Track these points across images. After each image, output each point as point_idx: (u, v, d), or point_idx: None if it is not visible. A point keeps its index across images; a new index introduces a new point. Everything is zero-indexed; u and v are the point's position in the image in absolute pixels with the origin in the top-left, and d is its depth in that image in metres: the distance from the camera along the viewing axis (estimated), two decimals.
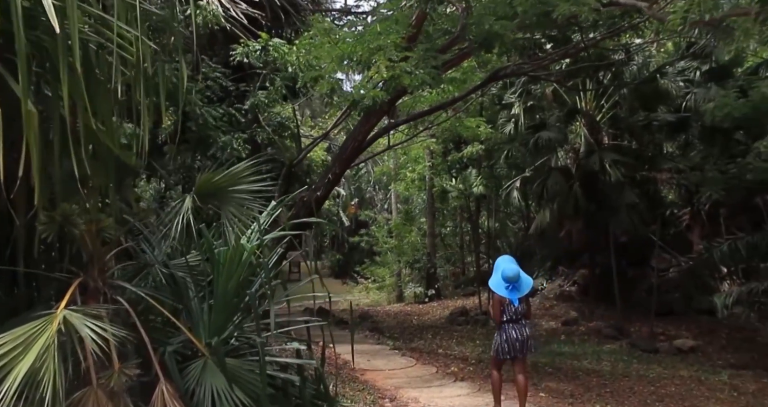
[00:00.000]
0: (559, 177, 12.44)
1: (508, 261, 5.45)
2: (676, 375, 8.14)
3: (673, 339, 10.47)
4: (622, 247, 12.87)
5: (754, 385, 7.64)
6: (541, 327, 12.04)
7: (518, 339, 5.35)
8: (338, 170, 8.57)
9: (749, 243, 9.03)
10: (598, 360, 9.00)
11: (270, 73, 8.94)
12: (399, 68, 6.04)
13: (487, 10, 6.19)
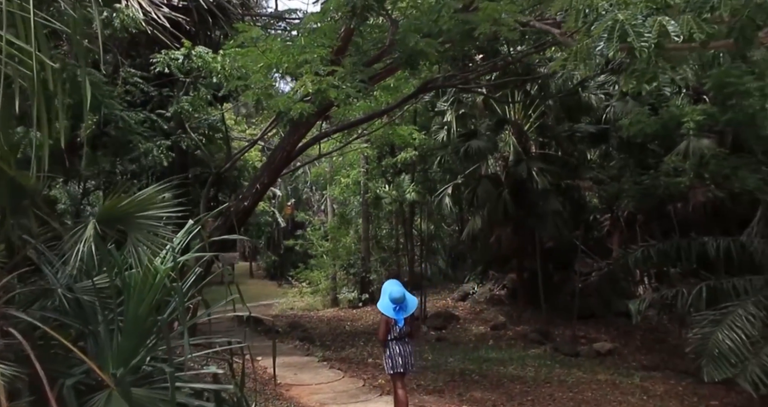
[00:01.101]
0: (488, 184, 12.75)
1: (395, 284, 5.90)
2: (594, 379, 8.50)
3: (593, 342, 10.97)
4: (549, 252, 13.36)
5: (662, 387, 8.10)
6: (471, 331, 12.30)
7: (401, 355, 5.75)
8: (266, 180, 8.42)
9: (660, 250, 9.53)
10: (523, 366, 9.28)
11: (194, 80, 8.67)
12: (325, 82, 5.99)
13: (412, 27, 6.24)
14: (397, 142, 12.27)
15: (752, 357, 6.86)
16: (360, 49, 8.07)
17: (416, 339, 6.35)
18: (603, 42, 3.60)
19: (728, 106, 9.35)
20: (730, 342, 7.03)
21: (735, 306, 7.42)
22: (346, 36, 7.03)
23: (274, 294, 22.74)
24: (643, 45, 3.44)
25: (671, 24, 3.45)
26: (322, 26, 6.72)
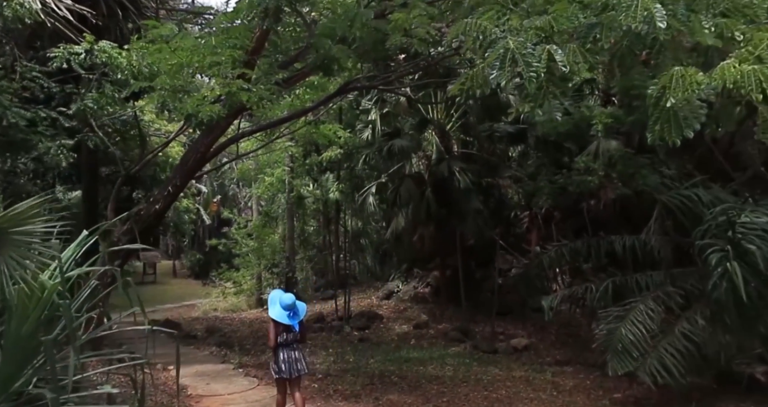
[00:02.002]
0: (411, 183, 12.84)
1: (282, 292, 6.10)
2: (509, 376, 8.74)
3: (511, 338, 11.28)
4: (470, 250, 13.63)
5: (572, 381, 8.43)
6: (394, 330, 12.37)
7: (289, 361, 5.88)
8: (179, 182, 8.06)
9: (572, 248, 9.91)
10: (443, 365, 9.41)
11: (99, 76, 8.17)
12: (235, 85, 5.78)
13: (327, 31, 6.12)
14: (321, 141, 12.12)
15: (652, 351, 7.26)
16: (278, 49, 7.87)
17: (306, 342, 6.66)
18: (495, 70, 3.64)
19: (633, 108, 9.81)
20: (632, 336, 7.38)
21: (637, 302, 7.80)
22: (261, 36, 6.81)
23: (197, 294, 22.07)
24: (531, 74, 3.51)
25: (558, 53, 3.54)
26: (236, 26, 6.48)
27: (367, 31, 5.82)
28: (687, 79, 3.34)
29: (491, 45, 3.77)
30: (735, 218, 7.20)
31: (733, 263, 6.69)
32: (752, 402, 7.21)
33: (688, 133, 3.52)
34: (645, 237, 8.72)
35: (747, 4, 3.65)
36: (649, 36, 3.45)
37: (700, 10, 3.66)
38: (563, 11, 3.72)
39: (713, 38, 3.50)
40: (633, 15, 3.35)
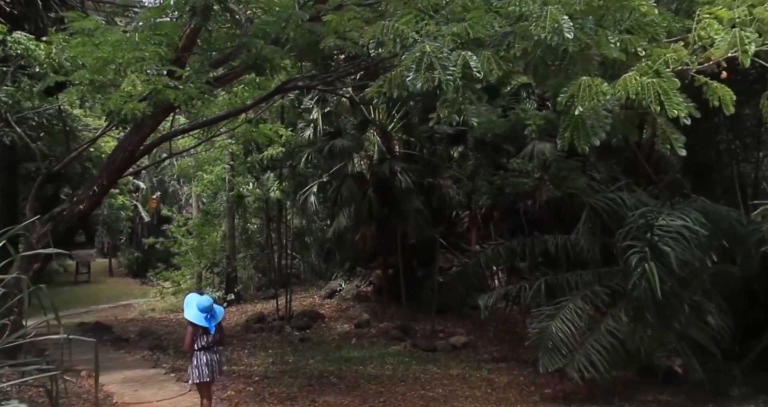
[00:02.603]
0: (353, 183, 12.85)
1: (197, 296, 6.17)
2: (446, 374, 8.91)
3: (451, 336, 11.48)
4: (412, 249, 13.78)
5: (506, 378, 8.69)
6: (336, 330, 12.38)
7: (208, 365, 5.84)
8: (106, 181, 7.75)
9: (508, 248, 10.20)
10: (382, 364, 9.50)
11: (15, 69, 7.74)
12: (160, 82, 5.61)
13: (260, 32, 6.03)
14: (261, 140, 11.94)
15: (580, 348, 7.57)
16: (212, 46, 7.68)
17: (225, 345, 6.67)
18: (412, 73, 3.69)
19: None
20: (562, 334, 7.68)
21: (567, 301, 8.12)
22: (191, 33, 6.64)
23: (134, 294, 21.38)
24: (448, 78, 3.58)
25: (473, 59, 3.62)
26: (164, 22, 6.28)
27: (301, 33, 5.77)
28: (593, 89, 3.51)
29: (408, 48, 3.83)
30: (653, 221, 7.58)
31: (650, 264, 7.06)
32: (669, 394, 7.64)
33: (594, 141, 3.69)
34: (575, 237, 9.06)
35: (649, 22, 3.85)
36: (559, 47, 3.59)
37: (608, 26, 3.84)
38: (479, 19, 3.81)
39: (618, 52, 3.69)
40: (542, 25, 3.49)
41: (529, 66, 4.08)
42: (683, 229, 7.45)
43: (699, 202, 8.35)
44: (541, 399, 7.64)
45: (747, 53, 3.19)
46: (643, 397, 7.57)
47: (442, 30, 3.90)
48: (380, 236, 13.63)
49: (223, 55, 7.12)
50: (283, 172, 14.10)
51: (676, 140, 3.69)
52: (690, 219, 7.57)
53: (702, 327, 7.52)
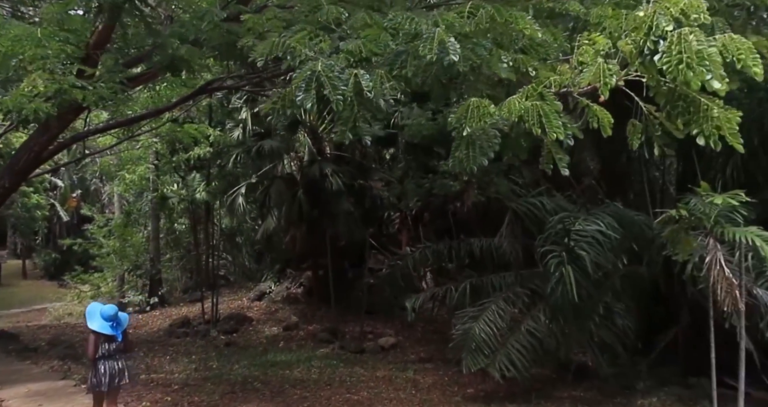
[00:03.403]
0: (282, 185, 12.71)
1: (100, 305, 6.05)
2: (373, 376, 8.96)
3: (379, 337, 11.56)
4: (343, 250, 13.77)
5: (431, 379, 8.84)
6: (263, 333, 12.20)
7: (109, 373, 5.73)
8: (8, 184, 7.26)
9: (434, 250, 10.40)
10: (309, 368, 9.43)
11: None
12: (66, 82, 5.30)
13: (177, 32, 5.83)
14: (186, 139, 11.59)
15: (501, 348, 7.82)
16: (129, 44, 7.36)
17: (132, 352, 6.56)
18: (301, 92, 3.64)
19: None
20: (485, 335, 7.89)
21: (490, 302, 8.36)
22: (104, 30, 6.32)
23: (50, 298, 20.28)
24: (338, 98, 3.58)
25: (365, 78, 3.63)
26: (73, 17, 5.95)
27: (218, 33, 5.63)
28: (481, 110, 3.61)
29: (300, 66, 3.79)
30: (570, 226, 7.94)
31: (567, 268, 7.38)
32: (582, 389, 8.05)
33: (482, 161, 3.79)
34: (498, 241, 9.33)
35: (541, 42, 4.01)
36: (452, 67, 3.66)
37: (506, 46, 3.96)
38: (374, 37, 3.82)
39: (508, 72, 3.81)
40: (429, 47, 3.55)
41: (425, 83, 4.15)
42: (597, 234, 7.84)
43: (612, 207, 8.79)
44: (463, 400, 7.82)
45: (607, 85, 3.34)
46: (558, 394, 7.91)
47: (341, 46, 3.88)
48: (310, 238, 13.53)
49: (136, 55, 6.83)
50: (211, 172, 13.74)
51: (560, 160, 3.83)
52: (604, 224, 7.96)
53: (609, 327, 7.93)
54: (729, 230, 5.86)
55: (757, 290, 6.83)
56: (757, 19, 4.97)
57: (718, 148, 3.37)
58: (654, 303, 8.94)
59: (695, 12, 3.30)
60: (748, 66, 3.18)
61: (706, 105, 3.32)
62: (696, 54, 3.08)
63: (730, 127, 3.33)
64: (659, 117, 3.63)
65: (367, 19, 4.02)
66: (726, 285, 5.58)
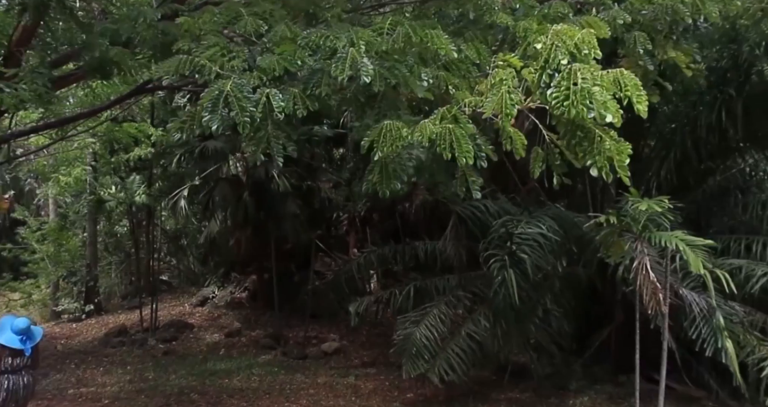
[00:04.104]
0: (227, 187, 12.38)
1: (13, 318, 5.87)
2: (314, 383, 8.81)
3: (323, 342, 11.39)
4: (289, 253, 13.54)
5: (372, 384, 8.76)
6: (204, 340, 11.84)
7: (12, 390, 5.50)
8: None
9: (379, 254, 10.34)
10: (249, 376, 9.20)
11: None
12: None
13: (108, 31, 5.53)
14: (125, 139, 11.13)
15: (441, 352, 7.79)
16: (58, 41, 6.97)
17: (37, 368, 6.19)
18: (208, 113, 3.49)
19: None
20: (426, 340, 7.84)
21: (432, 306, 8.34)
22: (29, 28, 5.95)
23: None
24: (245, 120, 3.44)
25: (277, 97, 3.50)
26: None
27: (153, 33, 5.37)
28: (394, 134, 3.52)
29: (210, 84, 3.63)
30: (513, 229, 7.99)
31: (509, 272, 7.42)
32: (519, 391, 8.16)
33: (395, 185, 3.72)
34: (442, 244, 9.32)
35: (462, 59, 3.96)
36: (369, 86, 3.56)
37: (429, 61, 3.89)
38: (290, 53, 3.68)
39: (425, 91, 3.74)
40: (342, 67, 3.44)
41: (343, 101, 4.05)
42: (539, 236, 7.91)
43: (554, 209, 8.93)
44: (402, 405, 7.77)
45: (508, 116, 3.31)
46: (496, 396, 7.97)
47: (257, 62, 3.72)
48: (256, 240, 13.23)
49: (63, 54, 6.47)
50: (154, 173, 13.25)
51: (474, 183, 3.80)
52: (545, 226, 8.05)
53: (545, 329, 8.04)
54: (656, 235, 5.99)
55: (683, 290, 7.04)
56: (677, 34, 5.07)
57: (610, 180, 3.37)
58: (591, 303, 9.12)
59: (587, 47, 3.29)
60: (634, 102, 3.22)
61: (599, 136, 3.30)
62: (581, 92, 3.06)
63: (621, 159, 3.31)
64: (560, 145, 3.60)
65: (287, 33, 3.86)
66: (651, 289, 5.70)
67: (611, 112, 3.10)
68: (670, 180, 8.79)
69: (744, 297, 7.33)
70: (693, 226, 8.51)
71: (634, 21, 4.63)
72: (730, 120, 7.92)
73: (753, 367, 6.88)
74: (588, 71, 3.13)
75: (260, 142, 3.77)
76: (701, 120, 8.20)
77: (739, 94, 7.82)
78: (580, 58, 3.27)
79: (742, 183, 9.10)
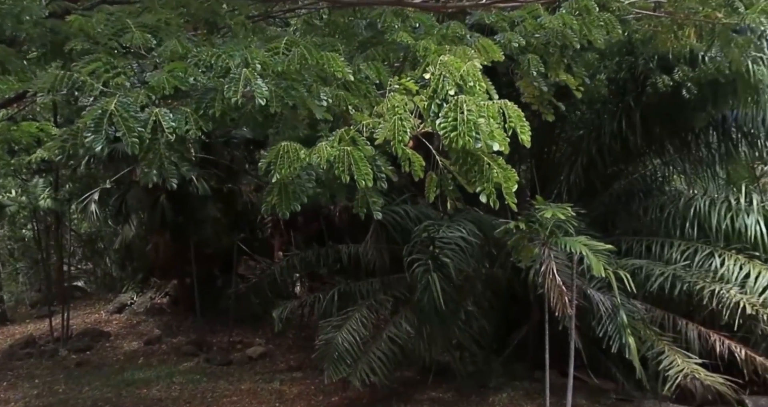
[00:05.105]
0: (140, 190, 11.91)
1: None
2: (237, 389, 8.69)
3: (248, 346, 11.23)
4: (212, 257, 13.22)
5: (297, 389, 8.75)
6: (122, 349, 11.37)
7: None
8: None
9: (302, 258, 10.31)
10: (170, 385, 8.96)
11: None
12: None
13: None
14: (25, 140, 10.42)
15: (363, 356, 7.89)
16: None
17: None
18: (90, 133, 3.30)
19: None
20: (348, 344, 7.90)
21: (354, 311, 8.41)
22: None
23: None
24: (134, 140, 3.30)
25: (167, 117, 3.37)
26: None
27: (41, 31, 5.04)
28: (291, 155, 3.50)
29: (95, 102, 3.45)
30: (434, 234, 8.18)
31: (433, 276, 7.60)
32: (442, 390, 8.40)
33: (295, 207, 3.70)
34: (363, 248, 9.42)
35: (361, 79, 4.00)
36: (265, 107, 3.50)
37: (330, 81, 3.90)
38: (181, 71, 3.55)
39: (323, 112, 3.75)
40: (234, 88, 3.36)
41: (241, 120, 3.96)
42: (460, 240, 8.16)
43: (473, 213, 9.20)
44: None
45: (401, 143, 3.28)
46: (419, 396, 8.16)
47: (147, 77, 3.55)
48: (176, 245, 12.83)
49: None
50: (59, 176, 12.53)
51: (374, 203, 3.83)
52: (466, 230, 8.30)
53: (466, 330, 8.31)
54: (562, 240, 6.33)
55: (590, 291, 7.50)
56: (568, 58, 5.36)
57: (497, 207, 3.51)
58: (511, 303, 9.50)
59: (472, 80, 3.40)
60: (518, 133, 3.34)
61: (488, 164, 3.37)
62: (467, 123, 3.15)
63: (508, 186, 3.38)
64: (453, 171, 3.67)
65: (179, 48, 3.71)
66: (557, 292, 6.03)
67: (498, 141, 3.20)
68: (579, 184, 9.29)
69: (645, 295, 7.91)
70: (601, 228, 9.11)
71: (528, 44, 4.84)
72: (630, 128, 8.47)
73: (652, 360, 7.42)
74: (473, 103, 3.23)
75: (151, 163, 3.60)
76: (605, 127, 8.73)
77: (637, 104, 8.38)
78: (467, 90, 3.38)
79: (644, 187, 9.75)
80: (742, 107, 8.08)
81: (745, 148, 8.91)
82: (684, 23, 6.18)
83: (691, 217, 8.14)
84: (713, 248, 7.81)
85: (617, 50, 8.19)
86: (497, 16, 5.21)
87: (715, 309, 7.32)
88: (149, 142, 3.28)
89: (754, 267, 7.36)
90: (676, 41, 6.40)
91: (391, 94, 3.67)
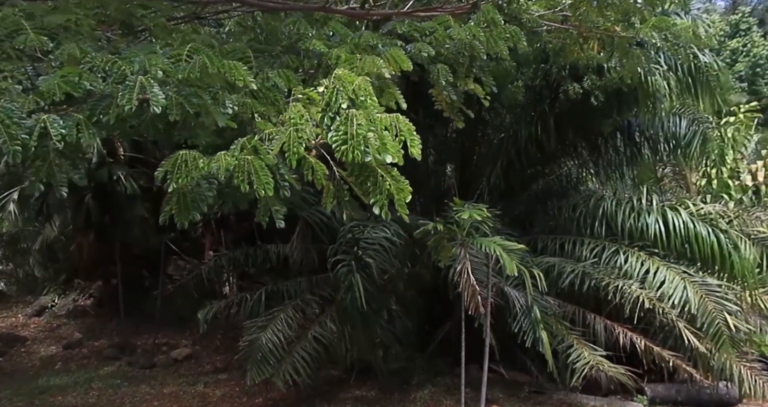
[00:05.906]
0: None
1: None
2: (160, 393, 8.55)
3: (174, 348, 11.04)
4: (139, 257, 12.90)
5: (221, 391, 8.70)
6: (38, 354, 10.95)
7: None
8: None
9: (230, 258, 10.24)
10: (87, 391, 8.71)
11: None
12: None
13: None
14: None
15: (287, 356, 7.93)
16: None
17: None
18: None
19: None
20: (272, 345, 7.92)
21: (279, 311, 8.44)
22: None
23: None
24: (16, 149, 3.23)
25: (56, 125, 3.31)
26: None
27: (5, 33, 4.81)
28: (189, 164, 3.52)
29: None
30: (359, 235, 8.32)
31: (356, 276, 7.73)
32: (367, 389, 8.54)
33: (194, 216, 3.72)
34: (290, 248, 9.45)
35: (269, 87, 4.07)
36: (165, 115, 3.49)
37: (237, 88, 3.93)
38: (75, 76, 3.48)
39: (226, 120, 3.78)
40: (129, 96, 3.32)
41: (141, 126, 3.94)
42: (384, 241, 8.31)
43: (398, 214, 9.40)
44: None
45: (296, 154, 3.30)
46: (343, 395, 8.29)
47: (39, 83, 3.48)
48: (101, 245, 12.46)
49: None
50: None
51: (277, 212, 3.86)
52: (390, 231, 8.47)
53: (389, 329, 8.51)
54: (478, 240, 6.60)
55: (507, 289, 7.84)
56: (477, 68, 5.61)
57: (388, 218, 3.58)
58: (434, 300, 9.77)
59: (363, 94, 3.47)
60: (409, 146, 3.41)
61: (381, 176, 3.42)
62: (356, 137, 3.19)
63: (400, 198, 3.41)
64: (349, 182, 3.68)
65: (76, 52, 3.63)
66: (471, 291, 6.29)
67: (391, 153, 3.30)
68: (500, 185, 9.67)
69: (557, 291, 8.34)
70: (520, 227, 9.52)
71: (438, 54, 5.04)
72: (545, 132, 8.91)
73: (563, 353, 7.84)
74: (363, 117, 3.32)
75: (39, 171, 3.50)
76: (522, 131, 9.13)
77: (551, 110, 8.83)
78: (359, 104, 3.47)
79: (560, 188, 10.24)
80: (642, 114, 8.64)
81: (648, 151, 9.54)
82: (588, 36, 6.59)
83: (600, 216, 8.63)
84: (618, 245, 8.32)
85: (533, 59, 8.58)
86: (410, 26, 5.39)
87: (619, 304, 7.81)
88: (35, 149, 3.21)
89: (653, 263, 7.89)
90: (581, 52, 6.81)
91: (293, 104, 3.74)
